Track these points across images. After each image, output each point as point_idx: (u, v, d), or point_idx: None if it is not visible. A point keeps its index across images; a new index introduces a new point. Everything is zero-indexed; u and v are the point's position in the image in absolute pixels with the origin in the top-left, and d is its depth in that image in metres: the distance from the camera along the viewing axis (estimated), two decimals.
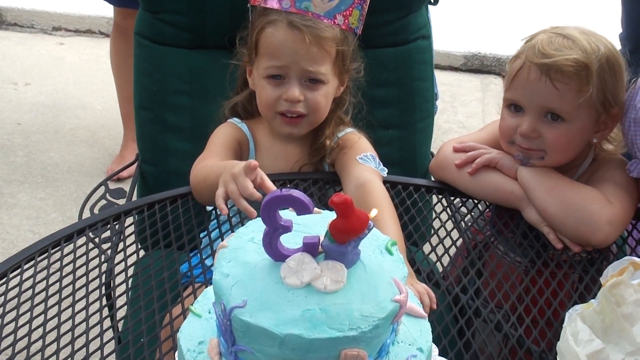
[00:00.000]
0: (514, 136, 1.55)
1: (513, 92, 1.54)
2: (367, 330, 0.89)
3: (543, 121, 1.51)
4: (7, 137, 3.52)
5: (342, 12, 1.57)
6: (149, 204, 1.57)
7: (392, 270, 0.96)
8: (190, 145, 1.88)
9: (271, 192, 0.92)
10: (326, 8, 1.55)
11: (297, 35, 1.54)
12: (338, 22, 1.57)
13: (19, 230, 2.94)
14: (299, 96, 1.57)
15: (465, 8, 4.90)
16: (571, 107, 1.48)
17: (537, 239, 1.52)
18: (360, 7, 1.60)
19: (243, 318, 0.89)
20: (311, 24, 1.54)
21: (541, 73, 1.47)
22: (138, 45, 1.93)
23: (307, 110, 1.60)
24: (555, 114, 1.49)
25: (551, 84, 1.46)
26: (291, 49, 1.55)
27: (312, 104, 1.59)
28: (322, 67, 1.57)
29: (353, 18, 1.59)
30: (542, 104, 1.49)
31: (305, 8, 1.54)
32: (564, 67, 1.45)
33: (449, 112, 3.96)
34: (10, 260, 1.38)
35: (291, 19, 1.55)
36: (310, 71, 1.57)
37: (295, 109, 1.58)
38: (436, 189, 1.68)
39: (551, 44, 1.48)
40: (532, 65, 1.49)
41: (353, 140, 1.66)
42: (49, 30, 4.59)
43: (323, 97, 1.60)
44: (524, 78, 1.50)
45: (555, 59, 1.46)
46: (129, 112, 2.75)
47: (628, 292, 1.10)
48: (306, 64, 1.56)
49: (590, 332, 1.09)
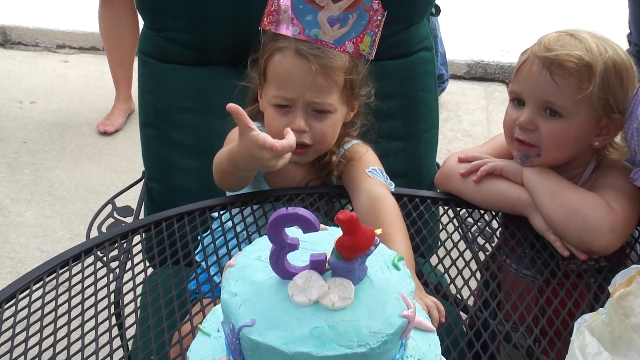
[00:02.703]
0: (514, 129, 1.56)
1: (516, 84, 1.56)
2: (375, 346, 0.89)
3: (541, 115, 1.52)
4: (13, 155, 3.54)
5: (352, 39, 1.55)
6: (155, 221, 1.57)
7: (399, 286, 0.96)
8: (195, 161, 1.88)
9: (277, 211, 0.92)
10: (336, 35, 1.53)
11: (304, 65, 1.52)
12: (348, 50, 1.55)
13: (27, 249, 2.95)
14: (304, 127, 1.55)
15: (468, 17, 4.90)
16: (569, 103, 1.49)
17: (545, 249, 1.52)
18: (372, 33, 1.57)
19: (252, 337, 0.89)
20: (319, 53, 1.52)
21: (542, 66, 1.49)
22: (142, 64, 1.94)
23: (313, 141, 1.59)
24: (553, 109, 1.51)
25: (551, 78, 1.48)
26: (298, 80, 1.53)
27: (318, 134, 1.58)
28: (328, 97, 1.55)
29: (364, 44, 1.56)
30: (541, 97, 1.51)
31: (315, 35, 1.53)
32: (565, 62, 1.47)
33: (454, 120, 3.96)
34: (19, 281, 1.39)
35: (299, 47, 1.53)
36: (317, 102, 1.55)
37: (301, 140, 1.56)
38: (442, 201, 1.68)
39: (558, 41, 1.51)
40: (535, 59, 1.51)
41: (361, 152, 1.65)
42: (53, 48, 4.61)
43: (330, 126, 1.59)
44: (526, 70, 1.53)
45: (558, 53, 1.48)
46: (119, 75, 3.66)
47: (636, 303, 1.09)
48: (312, 95, 1.54)
49: (598, 344, 1.09)
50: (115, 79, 3.73)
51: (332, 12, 1.51)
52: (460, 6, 4.88)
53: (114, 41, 3.60)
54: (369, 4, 1.55)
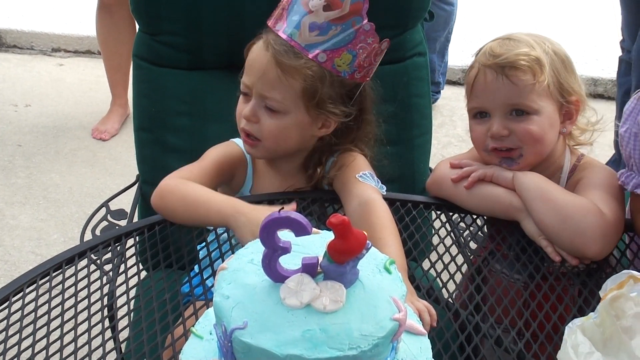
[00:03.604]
0: (486, 142, 1.59)
1: (475, 100, 1.60)
2: (367, 349, 0.90)
3: (510, 119, 1.55)
4: (8, 158, 3.54)
5: (328, 50, 1.51)
6: (149, 225, 1.57)
7: (390, 289, 0.97)
8: None
9: (269, 214, 0.93)
10: (309, 41, 1.50)
11: (264, 56, 1.52)
12: (319, 59, 1.51)
13: (20, 252, 2.95)
14: (250, 116, 1.55)
15: (462, 22, 4.92)
16: (532, 99, 1.53)
17: (536, 253, 1.53)
18: (355, 53, 1.53)
19: (244, 339, 0.90)
20: (285, 50, 1.51)
21: (497, 73, 1.54)
22: (137, 67, 1.95)
23: (260, 136, 1.57)
24: (519, 109, 1.54)
25: (509, 81, 1.53)
26: (255, 68, 1.54)
27: (264, 130, 1.56)
28: (278, 95, 1.53)
29: (341, 60, 1.52)
30: (505, 102, 1.55)
31: (290, 35, 1.51)
32: (516, 63, 1.52)
33: (448, 125, 3.97)
34: (12, 284, 1.39)
35: (270, 39, 1.53)
36: (265, 96, 1.54)
37: (248, 129, 1.56)
38: (434, 205, 1.69)
39: (500, 46, 1.56)
40: (486, 69, 1.55)
41: (349, 159, 1.65)
42: (48, 52, 4.61)
43: (277, 126, 1.55)
44: (481, 83, 1.56)
45: (507, 56, 1.53)
46: (116, 79, 3.65)
47: (628, 306, 1.10)
48: (261, 87, 1.53)
49: (590, 344, 1.10)
50: (112, 83, 3.73)
51: (318, 19, 1.50)
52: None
53: (112, 46, 3.59)
54: (359, 23, 1.51)
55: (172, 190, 1.54)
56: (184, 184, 1.55)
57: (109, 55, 3.64)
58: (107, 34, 3.58)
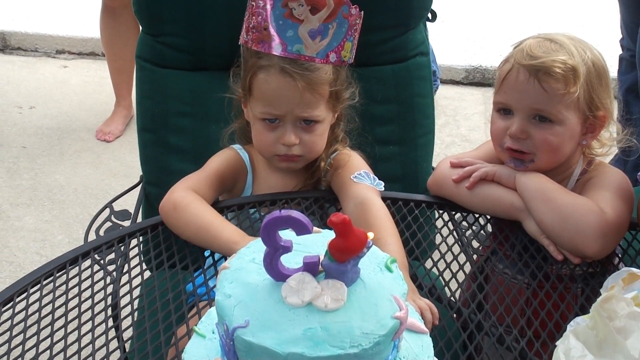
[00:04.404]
0: (504, 139, 1.57)
1: (502, 95, 1.57)
2: (368, 347, 0.90)
3: (532, 122, 1.53)
4: (12, 160, 3.55)
5: (334, 48, 1.54)
6: (152, 225, 1.58)
7: (391, 288, 0.98)
8: (193, 166, 1.88)
9: (271, 213, 0.93)
10: (318, 48, 1.52)
11: (290, 83, 1.52)
12: (331, 60, 1.54)
13: (25, 253, 2.96)
14: (294, 141, 1.57)
15: (466, 22, 4.92)
16: (559, 108, 1.50)
17: (538, 252, 1.53)
18: (352, 38, 1.57)
19: (246, 338, 0.90)
20: (303, 70, 1.52)
21: (530, 75, 1.50)
22: (139, 69, 1.96)
23: (303, 152, 1.60)
24: (543, 116, 1.52)
25: (539, 85, 1.49)
26: (285, 97, 1.54)
27: (308, 145, 1.60)
28: (316, 110, 1.57)
29: (345, 51, 1.56)
30: (531, 106, 1.52)
31: (297, 51, 1.51)
32: (551, 69, 1.48)
33: (452, 125, 3.97)
34: (17, 284, 1.40)
35: (283, 66, 1.52)
36: (306, 116, 1.57)
37: (291, 152, 1.59)
38: (437, 205, 1.69)
39: (539, 47, 1.52)
40: (520, 68, 1.51)
41: (344, 160, 1.66)
42: (52, 54, 4.62)
43: (318, 136, 1.61)
44: (512, 80, 1.53)
45: (543, 60, 1.49)
46: (120, 81, 3.68)
47: (620, 306, 1.09)
48: (300, 110, 1.55)
49: (583, 348, 1.09)
50: (116, 85, 3.74)
51: (312, 25, 1.50)
52: (458, 12, 4.90)
53: (116, 48, 3.60)
54: (347, 10, 1.53)
55: (184, 209, 1.54)
56: (195, 202, 1.55)
57: (112, 57, 3.65)
58: (111, 37, 3.60)
